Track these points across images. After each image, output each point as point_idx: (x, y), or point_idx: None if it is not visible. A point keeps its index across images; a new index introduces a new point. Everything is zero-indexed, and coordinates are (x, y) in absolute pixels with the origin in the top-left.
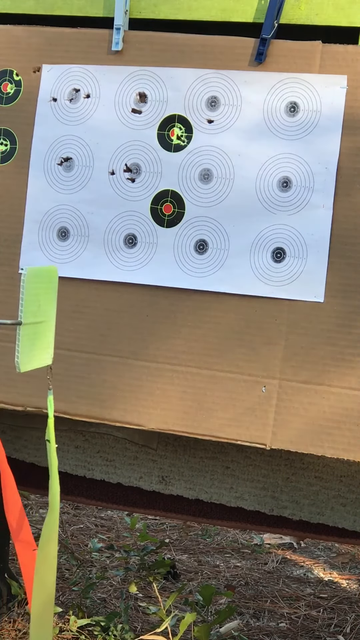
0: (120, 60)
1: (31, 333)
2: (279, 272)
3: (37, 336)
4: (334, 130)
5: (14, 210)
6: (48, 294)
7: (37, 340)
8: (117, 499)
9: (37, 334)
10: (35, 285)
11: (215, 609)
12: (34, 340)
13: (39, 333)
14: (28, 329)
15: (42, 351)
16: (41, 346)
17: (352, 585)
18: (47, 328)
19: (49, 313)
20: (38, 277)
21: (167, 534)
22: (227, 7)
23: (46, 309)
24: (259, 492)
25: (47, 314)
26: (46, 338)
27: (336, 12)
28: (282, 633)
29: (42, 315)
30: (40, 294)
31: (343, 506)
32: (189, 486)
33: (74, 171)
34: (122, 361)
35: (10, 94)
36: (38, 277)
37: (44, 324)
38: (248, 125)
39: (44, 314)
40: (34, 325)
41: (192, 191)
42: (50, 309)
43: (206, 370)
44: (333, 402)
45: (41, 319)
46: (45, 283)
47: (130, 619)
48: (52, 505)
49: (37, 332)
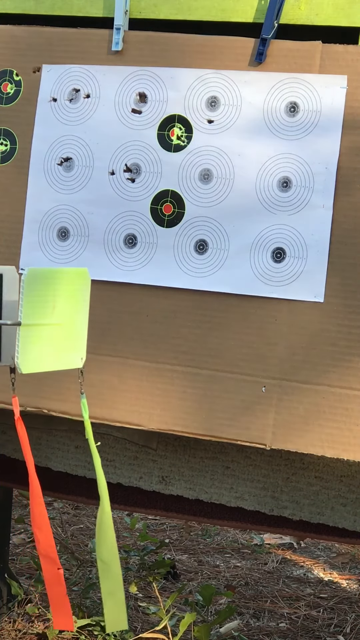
0: (120, 60)
1: (34, 334)
2: (279, 272)
3: (40, 338)
4: (334, 130)
5: (14, 210)
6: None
7: (41, 342)
8: (117, 499)
9: (41, 335)
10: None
11: (215, 609)
12: (38, 342)
13: (54, 335)
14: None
15: (64, 353)
16: (61, 348)
17: (352, 585)
18: (67, 330)
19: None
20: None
21: (167, 534)
22: (227, 7)
23: (65, 311)
24: (259, 492)
25: (66, 316)
26: (67, 340)
27: (336, 12)
28: (282, 633)
29: (59, 317)
30: (58, 295)
31: (343, 506)
32: (189, 486)
33: (74, 171)
34: (122, 361)
35: (10, 94)
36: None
37: (63, 326)
38: (248, 125)
39: (61, 315)
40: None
41: (192, 191)
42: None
43: (206, 370)
44: (333, 402)
45: (56, 320)
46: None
47: (130, 619)
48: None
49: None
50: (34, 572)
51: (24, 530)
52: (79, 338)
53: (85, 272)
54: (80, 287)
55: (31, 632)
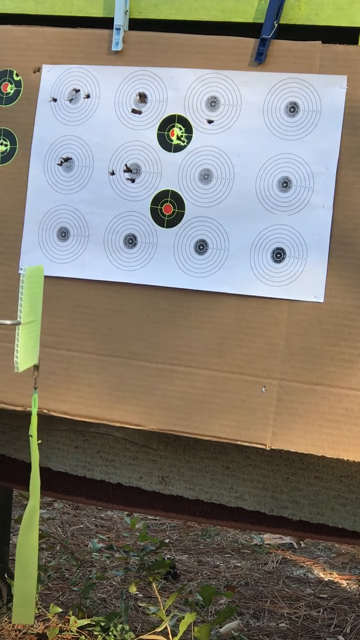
0: (120, 61)
1: (27, 333)
2: (279, 272)
3: (31, 335)
4: (334, 130)
5: (14, 210)
6: (38, 292)
7: (31, 339)
8: (117, 499)
9: (31, 333)
10: (31, 285)
11: (215, 609)
12: (30, 340)
13: (32, 332)
14: (26, 328)
15: (34, 350)
16: (34, 345)
17: (352, 585)
18: (37, 327)
19: (38, 312)
20: (35, 277)
21: (167, 534)
22: (227, 8)
23: (36, 308)
24: (259, 492)
25: (37, 313)
26: (36, 337)
27: (336, 12)
28: (282, 633)
29: (34, 315)
30: (34, 293)
31: (343, 506)
32: (189, 486)
33: (74, 171)
34: (122, 361)
35: (10, 94)
36: (35, 277)
37: (35, 323)
38: (248, 125)
39: (35, 313)
40: (29, 325)
41: (192, 191)
42: (39, 308)
43: (206, 370)
44: (333, 402)
45: (33, 318)
46: (37, 282)
47: (130, 619)
48: (33, 492)
49: (31, 332)
50: None
51: None
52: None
53: (42, 269)
54: (40, 284)
55: (31, 632)
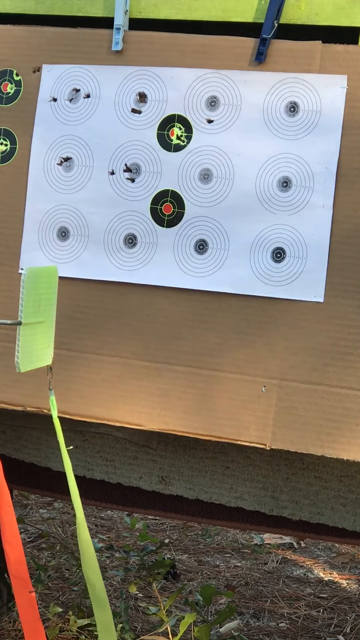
0: (120, 60)
1: (31, 333)
2: (279, 272)
3: (37, 336)
4: (334, 130)
5: (14, 210)
6: (48, 293)
7: (37, 340)
8: (117, 499)
9: (37, 334)
10: (36, 285)
11: (215, 609)
12: (34, 340)
13: (38, 333)
14: (28, 329)
15: (42, 351)
16: (41, 346)
17: (352, 585)
18: (46, 328)
19: (48, 313)
20: (38, 277)
21: (167, 534)
22: (227, 7)
23: (46, 309)
24: (258, 492)
25: (46, 314)
26: (46, 338)
27: (336, 12)
28: (282, 633)
29: (42, 315)
30: (41, 293)
31: (343, 506)
32: (189, 486)
33: (74, 171)
34: (122, 361)
35: (10, 94)
36: (38, 277)
37: (44, 324)
38: (248, 125)
39: (44, 313)
40: (33, 325)
41: (192, 191)
42: (50, 309)
43: (206, 370)
44: (333, 402)
45: (41, 318)
46: (45, 283)
47: (130, 619)
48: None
49: (36, 332)
50: (34, 572)
51: (23, 530)
52: (52, 334)
53: (55, 270)
54: (53, 285)
55: None
